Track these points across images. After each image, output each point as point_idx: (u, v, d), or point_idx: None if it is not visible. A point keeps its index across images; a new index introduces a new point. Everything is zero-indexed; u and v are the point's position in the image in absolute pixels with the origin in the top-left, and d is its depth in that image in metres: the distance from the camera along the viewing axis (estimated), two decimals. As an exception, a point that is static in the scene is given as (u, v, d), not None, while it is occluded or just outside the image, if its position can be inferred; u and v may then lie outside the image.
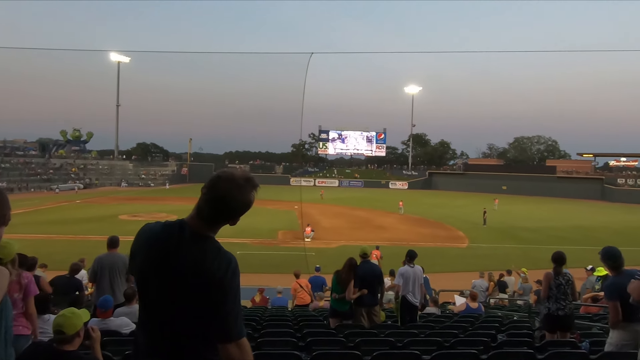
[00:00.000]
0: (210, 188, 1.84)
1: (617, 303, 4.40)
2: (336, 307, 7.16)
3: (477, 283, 13.75)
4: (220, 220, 1.90)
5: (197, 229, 1.84)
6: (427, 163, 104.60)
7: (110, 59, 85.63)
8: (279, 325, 6.91)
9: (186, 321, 1.78)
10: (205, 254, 1.81)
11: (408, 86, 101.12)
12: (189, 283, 1.75)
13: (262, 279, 16.16)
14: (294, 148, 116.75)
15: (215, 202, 1.83)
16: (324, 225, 32.92)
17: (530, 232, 32.31)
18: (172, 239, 1.81)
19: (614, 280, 4.60)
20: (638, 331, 4.40)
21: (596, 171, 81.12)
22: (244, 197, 1.87)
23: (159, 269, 1.78)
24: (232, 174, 1.88)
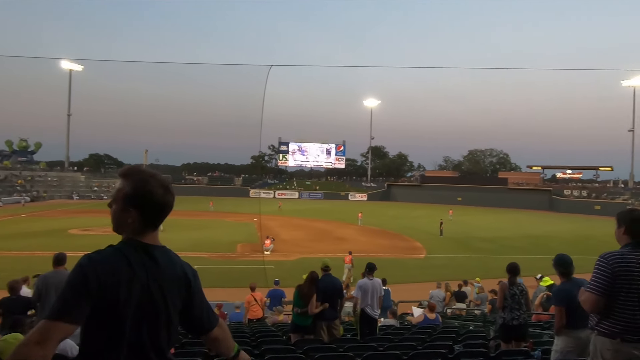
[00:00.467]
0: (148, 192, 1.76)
1: (563, 309, 4.57)
2: (298, 322, 7.05)
3: (435, 293, 13.98)
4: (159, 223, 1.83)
5: (147, 241, 1.76)
6: (386, 175, 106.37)
7: (61, 67, 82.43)
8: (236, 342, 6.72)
9: (169, 332, 1.75)
10: (173, 258, 1.82)
11: (367, 99, 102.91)
12: (176, 293, 1.76)
13: (220, 294, 15.77)
14: (254, 160, 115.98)
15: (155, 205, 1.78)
16: (284, 237, 32.67)
17: (484, 242, 33.30)
18: (138, 259, 1.69)
19: (562, 286, 4.77)
20: (581, 338, 4.56)
21: (544, 183, 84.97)
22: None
23: (144, 292, 1.66)
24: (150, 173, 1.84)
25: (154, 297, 1.67)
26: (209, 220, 43.25)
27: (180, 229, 35.35)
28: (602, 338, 2.87)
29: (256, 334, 7.67)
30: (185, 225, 38.48)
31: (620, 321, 2.80)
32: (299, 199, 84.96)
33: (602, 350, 2.85)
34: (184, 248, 26.60)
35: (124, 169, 1.82)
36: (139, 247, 1.71)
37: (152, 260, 1.71)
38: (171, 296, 1.73)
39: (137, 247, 1.71)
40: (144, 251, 1.71)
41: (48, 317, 1.51)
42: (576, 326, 4.56)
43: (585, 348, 4.56)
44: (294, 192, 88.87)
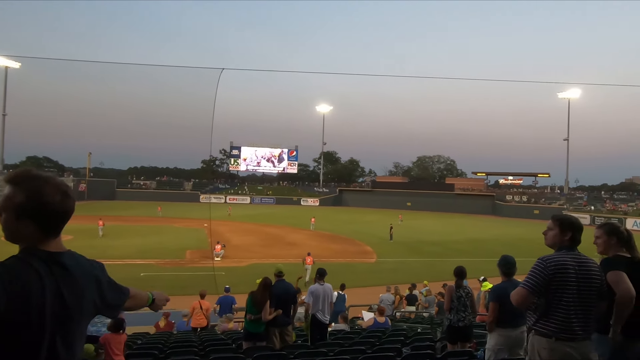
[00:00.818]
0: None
1: (497, 305, 4.82)
2: (250, 329, 6.95)
3: (384, 297, 14.24)
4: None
5: (51, 248, 1.65)
6: (338, 180, 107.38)
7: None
8: (184, 352, 6.55)
9: (82, 340, 1.74)
10: (81, 261, 1.75)
11: (320, 105, 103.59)
12: (92, 296, 1.72)
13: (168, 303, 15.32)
14: (204, 164, 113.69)
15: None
16: (235, 243, 32.19)
17: (433, 246, 34.29)
18: (46, 268, 1.56)
19: (500, 284, 5.03)
20: (511, 337, 4.81)
21: (488, 188, 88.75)
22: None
23: (57, 303, 1.55)
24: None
25: (68, 307, 1.58)
26: (157, 226, 41.92)
27: (126, 235, 34.07)
28: (539, 337, 3.03)
29: (205, 342, 7.50)
30: (131, 231, 37.12)
31: (556, 321, 2.96)
32: (250, 204, 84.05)
33: (539, 349, 3.01)
34: (130, 255, 25.66)
35: (12, 174, 1.68)
36: (43, 256, 1.59)
37: (61, 269, 1.60)
38: (86, 302, 1.68)
39: (42, 257, 1.59)
40: (50, 260, 1.59)
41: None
42: (508, 325, 4.81)
43: (515, 346, 4.83)
44: (245, 197, 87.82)
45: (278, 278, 7.27)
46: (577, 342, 2.94)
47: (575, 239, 3.11)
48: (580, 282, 2.96)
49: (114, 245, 28.83)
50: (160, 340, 8.17)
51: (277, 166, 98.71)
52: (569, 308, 2.94)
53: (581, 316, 2.96)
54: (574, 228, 3.12)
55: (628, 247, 3.40)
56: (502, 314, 4.82)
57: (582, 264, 3.01)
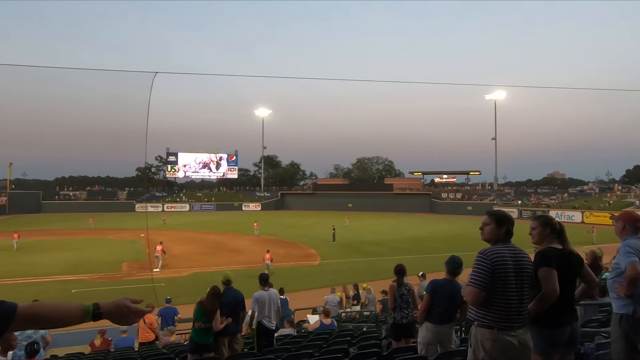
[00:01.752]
0: None
1: (431, 298, 5.02)
2: (198, 340, 6.69)
3: (329, 298, 14.35)
4: None
5: None
6: (279, 184, 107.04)
7: None
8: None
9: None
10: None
11: (258, 109, 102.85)
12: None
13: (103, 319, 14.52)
14: (139, 172, 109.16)
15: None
16: (175, 252, 31.11)
17: (373, 246, 35.04)
18: None
19: (440, 281, 5.21)
20: (439, 332, 5.03)
21: (425, 187, 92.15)
22: None
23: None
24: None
25: None
26: (89, 238, 39.63)
27: (53, 250, 31.92)
28: (482, 329, 3.15)
29: (146, 358, 7.18)
30: (59, 245, 34.80)
31: (497, 312, 3.10)
32: (190, 211, 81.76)
33: (482, 341, 3.13)
34: (58, 271, 24.09)
35: None
36: None
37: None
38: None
39: None
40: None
41: None
42: (436, 321, 5.03)
43: (445, 341, 5.05)
44: (184, 204, 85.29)
45: (226, 286, 7.10)
46: (516, 330, 3.10)
47: (509, 232, 3.29)
48: (516, 273, 3.12)
49: (40, 261, 26.91)
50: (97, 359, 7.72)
51: (217, 172, 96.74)
52: (510, 299, 3.10)
53: (518, 306, 3.13)
54: (508, 222, 3.31)
55: (560, 239, 3.63)
56: (433, 308, 5.02)
57: (517, 255, 3.19)
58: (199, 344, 6.71)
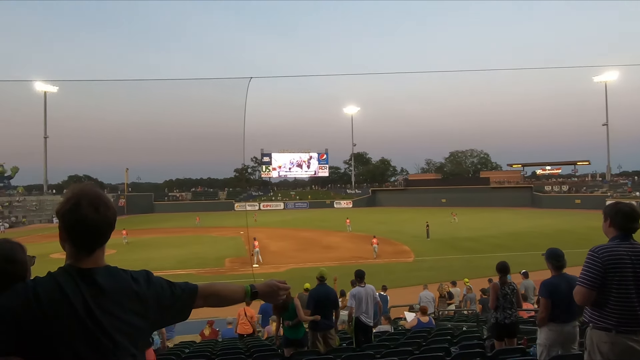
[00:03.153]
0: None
1: (548, 301, 4.66)
2: (289, 336, 7.00)
3: (423, 295, 14.05)
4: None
5: (85, 265, 1.64)
6: (370, 181, 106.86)
7: (35, 88, 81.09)
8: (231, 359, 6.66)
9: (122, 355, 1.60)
10: (117, 276, 1.67)
11: (347, 107, 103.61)
12: (132, 309, 1.63)
13: (211, 311, 15.58)
14: (237, 173, 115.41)
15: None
16: (272, 249, 32.51)
17: (470, 242, 33.64)
18: (74, 286, 1.55)
19: (550, 280, 4.85)
20: (564, 332, 4.65)
21: (525, 180, 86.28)
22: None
23: (82, 321, 1.52)
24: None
25: (100, 324, 1.54)
26: (195, 235, 42.81)
27: (164, 247, 34.96)
28: (598, 332, 2.92)
29: (251, 349, 7.60)
30: (169, 242, 38.07)
31: (615, 313, 2.86)
32: (284, 209, 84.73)
33: (598, 344, 2.90)
34: (170, 266, 26.28)
35: (66, 191, 1.72)
36: (75, 273, 1.59)
37: (92, 285, 1.57)
38: (123, 319, 1.60)
39: (73, 273, 1.58)
40: (80, 277, 1.58)
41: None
42: (560, 320, 4.65)
43: (568, 342, 4.67)
44: (279, 203, 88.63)
45: (320, 282, 7.28)
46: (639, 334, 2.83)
47: (617, 225, 3.00)
48: (636, 273, 2.85)
49: (154, 257, 29.61)
50: (206, 348, 8.33)
51: (308, 170, 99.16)
52: (629, 300, 2.83)
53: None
54: (612, 214, 3.03)
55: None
56: (553, 309, 4.67)
57: (637, 253, 2.90)
58: (290, 339, 7.00)
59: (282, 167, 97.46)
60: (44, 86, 79.78)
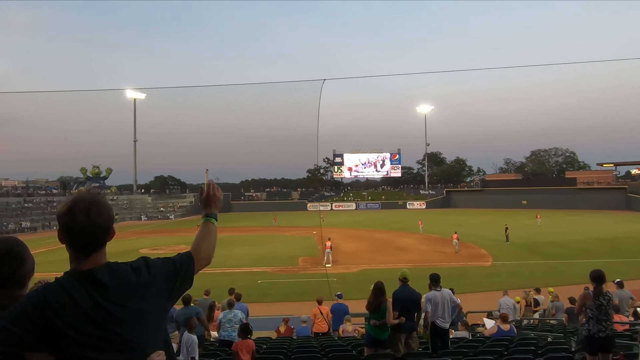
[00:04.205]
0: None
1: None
2: (374, 335, 6.95)
3: (503, 301, 13.37)
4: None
5: (85, 267, 1.71)
6: (444, 181, 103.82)
7: (126, 96, 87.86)
8: (307, 357, 6.77)
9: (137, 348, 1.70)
10: (118, 271, 1.74)
11: (420, 106, 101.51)
12: (139, 298, 1.72)
13: (285, 308, 15.97)
14: (310, 173, 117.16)
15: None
16: (344, 249, 32.62)
17: (554, 247, 31.53)
18: (79, 288, 1.64)
19: None
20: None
21: (618, 181, 79.29)
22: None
23: (91, 320, 1.62)
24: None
25: (112, 314, 1.63)
26: (269, 235, 44.07)
27: (241, 245, 36.33)
28: None
29: (325, 348, 7.67)
30: (245, 240, 39.50)
31: None
32: (356, 210, 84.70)
33: None
34: (247, 264, 27.27)
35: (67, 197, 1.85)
36: (77, 275, 1.67)
37: (94, 284, 1.65)
38: (131, 307, 1.68)
39: (76, 276, 1.67)
40: (83, 278, 1.66)
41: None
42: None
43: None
44: (351, 203, 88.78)
45: (403, 283, 7.20)
46: None
47: None
48: None
49: (232, 254, 30.83)
50: (283, 345, 8.53)
51: (381, 171, 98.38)
52: None
53: None
54: None
55: None
56: None
57: None
58: (374, 338, 6.93)
59: (354, 167, 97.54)
60: (133, 93, 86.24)
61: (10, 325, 1.54)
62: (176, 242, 39.14)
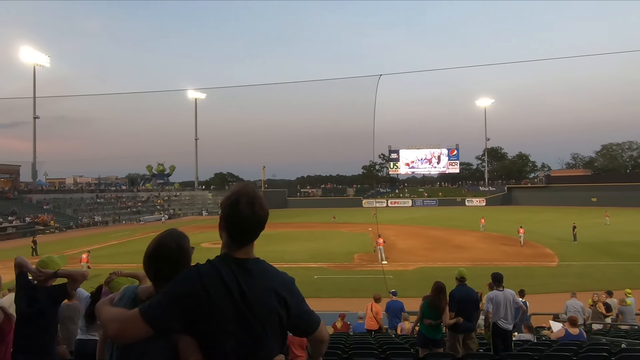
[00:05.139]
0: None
1: None
2: (428, 335, 6.85)
3: (570, 303, 12.69)
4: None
5: (239, 255, 1.84)
6: (505, 177, 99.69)
7: (188, 96, 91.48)
8: (364, 353, 6.76)
9: (269, 340, 1.80)
10: (267, 268, 1.87)
11: (479, 99, 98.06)
12: (273, 301, 1.79)
13: (341, 304, 16.04)
14: (365, 170, 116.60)
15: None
16: (400, 246, 32.25)
17: (629, 247, 29.44)
18: (230, 272, 1.77)
19: None
20: None
21: None
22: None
23: (238, 304, 1.74)
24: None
25: (250, 307, 1.73)
26: (325, 231, 44.38)
27: (297, 240, 36.87)
28: None
29: (383, 345, 7.64)
30: (302, 236, 40.02)
31: None
32: (412, 206, 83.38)
33: None
34: (303, 259, 27.63)
35: (230, 187, 1.97)
36: (230, 261, 1.79)
37: (244, 270, 1.77)
38: (266, 307, 1.77)
39: (229, 261, 1.78)
40: (236, 265, 1.77)
41: (140, 312, 1.69)
42: None
43: None
44: (407, 200, 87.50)
45: (460, 282, 7.03)
46: None
47: None
48: None
49: (288, 249, 31.36)
50: (339, 340, 8.57)
51: (437, 167, 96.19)
52: None
53: None
54: None
55: None
56: None
57: None
58: (428, 338, 6.82)
59: (410, 163, 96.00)
60: (194, 94, 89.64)
61: (166, 301, 1.69)
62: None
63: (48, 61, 71.45)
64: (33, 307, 3.64)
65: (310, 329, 1.99)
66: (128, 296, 1.96)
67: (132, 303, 1.87)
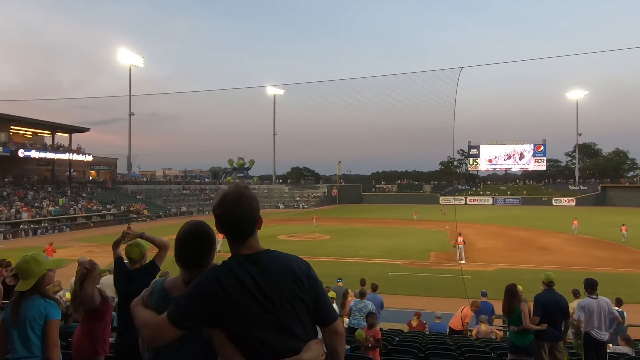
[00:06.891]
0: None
1: None
2: (515, 342, 6.52)
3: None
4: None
5: (244, 252, 1.92)
6: (599, 176, 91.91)
7: (267, 92, 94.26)
8: (442, 354, 6.60)
9: (296, 328, 1.85)
10: (278, 256, 1.94)
11: (570, 91, 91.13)
12: (291, 287, 1.85)
13: (416, 302, 15.75)
14: (442, 166, 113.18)
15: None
16: (479, 246, 30.97)
17: None
18: (242, 268, 1.84)
19: None
20: None
21: None
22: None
23: (256, 297, 1.80)
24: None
25: (268, 295, 1.80)
26: (400, 227, 43.74)
27: (372, 236, 36.69)
28: None
29: (461, 347, 7.39)
30: (377, 232, 39.78)
31: None
32: (493, 205, 79.68)
33: None
34: (378, 255, 27.43)
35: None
36: (240, 258, 1.86)
37: (256, 266, 1.84)
38: (285, 292, 1.83)
39: (239, 259, 1.86)
40: (245, 261, 1.85)
41: (168, 317, 1.80)
42: None
43: None
44: (487, 197, 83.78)
45: (547, 287, 6.60)
46: None
47: None
48: None
49: (363, 245, 31.30)
50: (415, 339, 8.44)
51: (521, 163, 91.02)
52: None
53: None
54: None
55: None
56: None
57: None
58: (516, 345, 6.49)
59: (491, 160, 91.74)
60: (273, 90, 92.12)
61: (190, 304, 1.81)
62: (311, 230, 41.10)
63: (142, 62, 76.95)
64: (131, 287, 3.96)
65: (331, 316, 1.97)
66: (157, 292, 2.09)
67: (163, 300, 2.00)
